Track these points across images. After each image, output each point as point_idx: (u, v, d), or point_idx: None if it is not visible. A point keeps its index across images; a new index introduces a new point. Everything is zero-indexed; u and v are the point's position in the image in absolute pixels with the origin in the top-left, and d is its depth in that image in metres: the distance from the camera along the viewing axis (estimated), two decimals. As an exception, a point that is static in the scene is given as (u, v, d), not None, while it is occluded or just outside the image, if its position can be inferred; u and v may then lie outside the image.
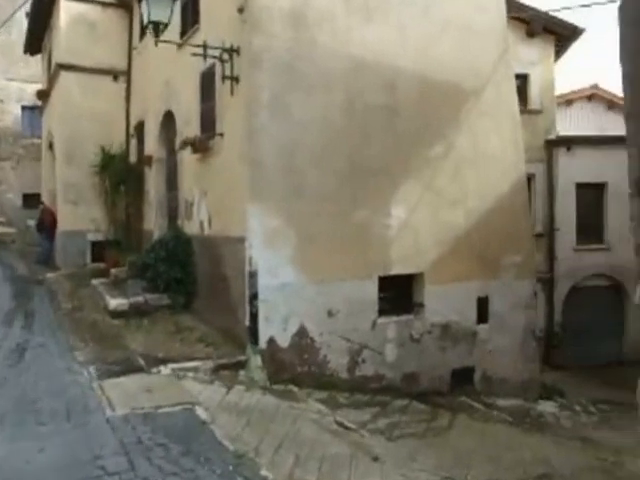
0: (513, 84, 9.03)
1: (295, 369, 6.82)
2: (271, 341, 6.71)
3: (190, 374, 5.86)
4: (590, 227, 12.88)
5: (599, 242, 12.84)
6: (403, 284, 7.96)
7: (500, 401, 8.34)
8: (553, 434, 7.08)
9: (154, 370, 5.82)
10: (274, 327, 6.74)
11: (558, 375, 11.56)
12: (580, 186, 12.61)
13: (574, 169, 12.53)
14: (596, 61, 35.01)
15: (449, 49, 8.06)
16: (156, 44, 6.82)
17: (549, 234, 12.51)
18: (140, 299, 8.64)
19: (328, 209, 7.13)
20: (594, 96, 17.76)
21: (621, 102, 18.34)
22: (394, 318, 7.69)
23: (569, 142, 12.58)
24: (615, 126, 16.74)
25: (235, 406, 5.09)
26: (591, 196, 12.96)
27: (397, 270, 7.70)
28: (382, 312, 7.57)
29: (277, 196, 6.89)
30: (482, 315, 8.50)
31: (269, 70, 6.88)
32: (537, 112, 12.31)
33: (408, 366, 7.71)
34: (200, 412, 4.63)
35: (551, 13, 12.39)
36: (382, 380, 7.46)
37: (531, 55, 12.14)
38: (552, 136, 12.52)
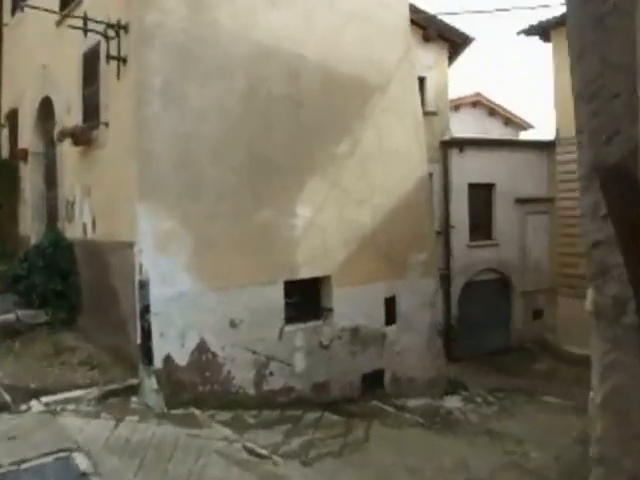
0: (416, 82, 8.87)
1: (196, 389, 6.02)
2: (167, 359, 5.85)
3: (70, 407, 4.86)
4: (481, 225, 13.30)
5: (489, 239, 13.30)
6: (310, 288, 7.43)
7: (410, 401, 8.12)
8: (464, 432, 6.93)
9: (23, 407, 4.74)
10: (170, 343, 5.88)
11: (457, 367, 11.73)
12: (472, 186, 12.97)
13: (466, 170, 12.85)
14: (479, 71, 37.29)
15: (354, 41, 7.64)
16: (22, 9, 5.66)
17: (445, 232, 12.71)
18: (10, 317, 7.29)
19: (228, 208, 6.39)
20: (478, 103, 18.58)
21: (501, 110, 19.40)
22: (302, 325, 7.14)
23: (461, 143, 12.86)
24: (496, 132, 17.62)
25: (125, 444, 4.22)
26: (482, 196, 13.38)
27: (304, 273, 7.15)
28: (289, 319, 6.98)
29: (171, 194, 6.03)
30: (390, 316, 8.22)
31: (162, 51, 5.99)
32: (433, 114, 12.44)
33: (318, 375, 7.20)
34: (80, 460, 3.72)
35: (445, 21, 12.61)
36: (292, 392, 6.88)
37: (427, 59, 12.22)
38: (446, 137, 12.73)
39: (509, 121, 18.99)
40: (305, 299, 7.34)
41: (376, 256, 7.98)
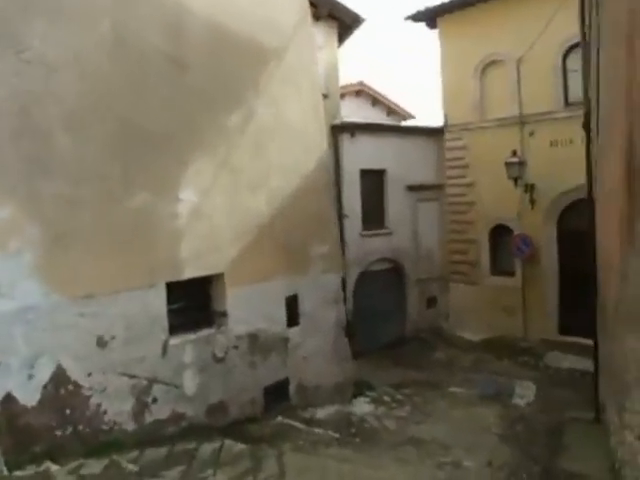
0: (315, 53, 7.86)
1: (53, 435, 4.48)
2: (7, 400, 4.25)
3: None
4: (374, 213, 12.79)
5: (382, 227, 12.85)
6: (199, 290, 6.14)
7: (319, 411, 7.17)
8: (386, 445, 6.12)
9: None
10: (11, 377, 4.28)
11: (357, 364, 11.07)
12: (364, 172, 12.39)
13: (358, 155, 12.23)
14: (366, 57, 37.01)
15: (244, -5, 6.44)
16: None
17: (339, 221, 11.97)
18: None
19: (91, 191, 4.88)
20: (361, 92, 18.20)
21: (384, 100, 19.22)
22: (191, 336, 5.83)
23: (353, 128, 12.21)
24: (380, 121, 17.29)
25: None
26: (374, 183, 12.88)
27: (191, 272, 5.84)
28: (175, 330, 5.63)
29: (7, 172, 4.41)
30: (292, 317, 7.18)
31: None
32: (324, 96, 11.57)
33: (214, 395, 5.95)
34: None
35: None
36: (182, 420, 5.55)
37: (317, 39, 11.30)
38: (337, 121, 11.97)
39: (392, 111, 18.88)
40: (193, 303, 6.04)
41: (275, 249, 6.90)
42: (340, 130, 12.05)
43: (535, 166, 10.91)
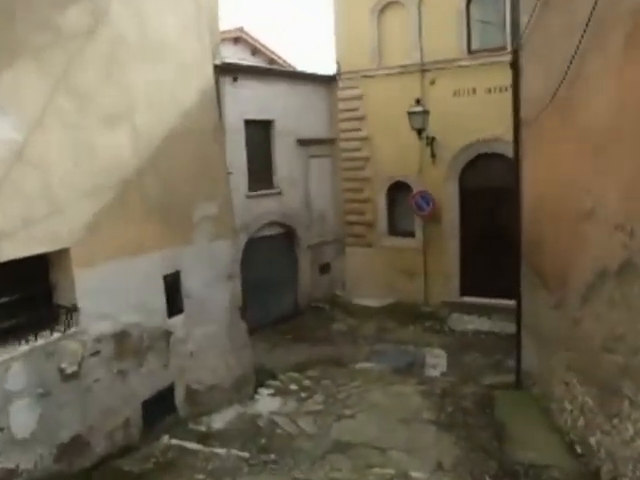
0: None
1: None
2: None
3: None
4: (261, 171, 11.00)
5: (271, 187, 11.13)
6: (31, 276, 4.02)
7: (216, 419, 5.50)
8: (309, 458, 4.61)
9: None
10: None
11: (251, 343, 9.46)
12: (249, 123, 10.49)
13: (242, 103, 10.26)
14: (243, 5, 32.94)
15: None
16: None
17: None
18: None
19: None
20: (240, 40, 16.00)
21: (265, 50, 17.14)
22: (20, 348, 3.74)
23: (236, 71, 10.17)
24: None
25: None
26: (260, 135, 11.04)
27: (13, 250, 3.71)
28: (-9, 340, 3.53)
29: None
30: (174, 302, 5.30)
31: None
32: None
33: (65, 429, 3.94)
34: None
35: None
36: (17, 477, 3.52)
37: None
38: (217, 61, 9.82)
39: (274, 63, 16.87)
40: (21, 298, 3.91)
41: (145, 211, 4.92)
42: (221, 72, 9.92)
43: (436, 118, 9.84)
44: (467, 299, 10.22)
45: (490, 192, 9.91)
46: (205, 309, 5.67)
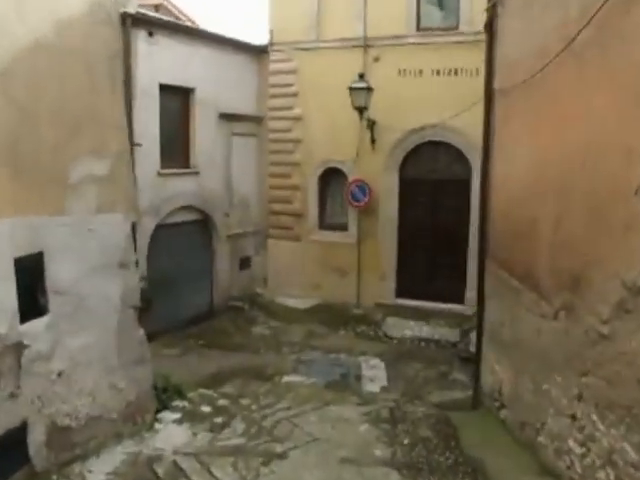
0: None
1: None
2: None
3: None
4: (176, 146, 9.13)
5: (186, 165, 9.30)
6: None
7: (94, 469, 3.73)
8: None
9: None
10: None
11: (156, 349, 7.59)
12: (165, 89, 8.60)
13: (158, 64, 8.36)
14: None
15: None
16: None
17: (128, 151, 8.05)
18: None
19: None
20: (161, 7, 13.88)
21: (187, 20, 15.08)
22: None
23: (152, 25, 8.26)
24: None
25: None
26: (177, 104, 9.17)
27: None
28: None
29: None
30: (32, 299, 3.47)
31: None
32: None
33: None
34: None
35: None
36: None
37: None
38: (130, 9, 7.84)
39: (195, 35, 14.88)
40: None
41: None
42: (134, 23, 8.03)
43: (379, 99, 8.57)
44: (403, 301, 9.03)
45: (433, 184, 8.81)
46: (83, 310, 3.87)
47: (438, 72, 8.49)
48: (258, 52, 9.99)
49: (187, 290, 9.33)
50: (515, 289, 4.62)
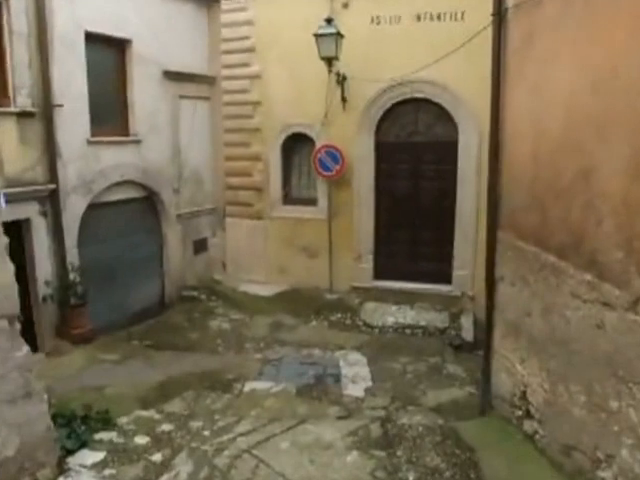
0: None
1: None
2: None
3: None
4: (110, 107, 7.48)
5: (124, 132, 7.66)
6: None
7: None
8: None
9: None
10: None
11: (91, 355, 6.07)
12: (93, 38, 6.89)
13: (83, 5, 6.68)
14: None
15: None
16: None
17: (44, 114, 6.37)
18: None
19: None
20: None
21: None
22: None
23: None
24: None
25: None
26: (110, 58, 7.48)
27: None
28: None
29: None
30: None
31: None
32: None
33: None
34: None
35: None
36: None
37: None
38: None
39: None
40: None
41: None
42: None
43: (350, 52, 7.16)
44: (383, 283, 7.76)
45: (415, 148, 7.52)
46: None
47: (419, 17, 7.14)
48: (209, 0, 8.36)
49: (131, 281, 7.80)
50: (550, 267, 3.38)
